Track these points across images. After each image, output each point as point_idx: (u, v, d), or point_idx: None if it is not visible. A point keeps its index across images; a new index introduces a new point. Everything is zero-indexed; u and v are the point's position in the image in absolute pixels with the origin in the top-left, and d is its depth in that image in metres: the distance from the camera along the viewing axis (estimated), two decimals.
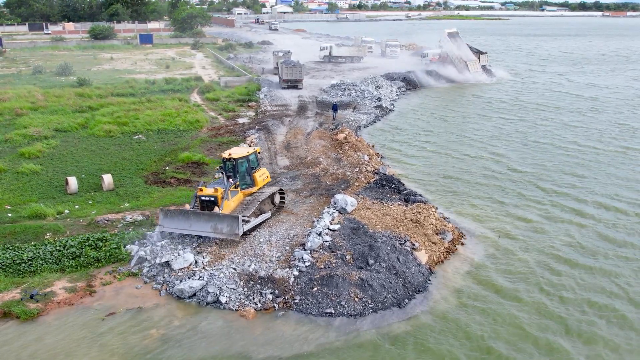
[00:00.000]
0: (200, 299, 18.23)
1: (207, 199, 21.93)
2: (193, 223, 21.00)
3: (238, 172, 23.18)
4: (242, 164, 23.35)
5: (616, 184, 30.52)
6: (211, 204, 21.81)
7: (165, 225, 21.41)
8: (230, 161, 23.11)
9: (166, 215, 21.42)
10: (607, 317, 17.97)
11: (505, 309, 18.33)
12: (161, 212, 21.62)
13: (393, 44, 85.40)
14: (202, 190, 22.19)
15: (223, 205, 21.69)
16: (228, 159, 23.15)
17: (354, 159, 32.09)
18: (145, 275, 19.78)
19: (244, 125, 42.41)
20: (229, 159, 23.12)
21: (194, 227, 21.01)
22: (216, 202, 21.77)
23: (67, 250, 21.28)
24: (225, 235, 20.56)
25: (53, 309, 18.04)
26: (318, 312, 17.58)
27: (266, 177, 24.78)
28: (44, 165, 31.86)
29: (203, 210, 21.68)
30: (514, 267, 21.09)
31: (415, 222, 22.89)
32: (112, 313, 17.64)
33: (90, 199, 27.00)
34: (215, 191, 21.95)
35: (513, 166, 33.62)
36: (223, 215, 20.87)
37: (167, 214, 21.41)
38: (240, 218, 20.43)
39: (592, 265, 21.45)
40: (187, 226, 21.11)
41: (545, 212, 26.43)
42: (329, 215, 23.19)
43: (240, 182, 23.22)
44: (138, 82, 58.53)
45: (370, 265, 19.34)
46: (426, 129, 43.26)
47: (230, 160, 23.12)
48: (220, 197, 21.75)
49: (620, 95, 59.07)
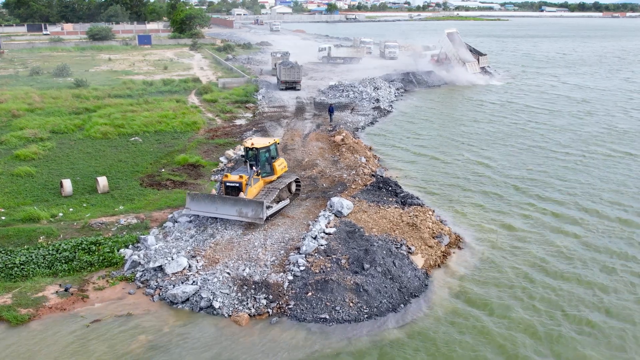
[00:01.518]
0: (194, 304, 18.01)
1: (232, 185, 23.24)
2: (219, 207, 22.37)
3: (259, 161, 24.40)
4: (263, 153, 24.58)
5: (621, 191, 30.33)
6: (236, 190, 23.12)
7: (192, 208, 22.76)
8: (253, 150, 24.30)
9: (193, 199, 22.78)
10: (608, 334, 17.72)
11: (500, 314, 18.10)
12: (188, 195, 22.94)
13: (392, 45, 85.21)
14: (228, 177, 23.60)
15: (247, 192, 22.95)
16: (251, 148, 24.34)
17: (351, 161, 31.89)
18: (138, 279, 19.58)
19: (241, 127, 42.22)
20: (252, 148, 24.31)
21: (219, 210, 22.39)
22: (240, 188, 23.06)
23: (60, 254, 21.05)
24: (250, 219, 21.90)
25: (45, 314, 17.84)
26: (312, 318, 17.36)
27: (284, 166, 26.15)
28: (39, 168, 31.65)
29: (228, 196, 22.92)
30: (511, 272, 20.86)
31: (411, 226, 22.69)
32: (97, 320, 17.37)
33: (84, 202, 26.77)
34: (240, 178, 23.25)
35: (512, 170, 33.40)
36: (248, 201, 22.22)
37: (194, 198, 22.79)
38: (264, 203, 21.78)
39: (586, 274, 21.25)
40: (213, 209, 22.49)
41: (546, 217, 26.20)
42: (325, 218, 22.99)
43: (261, 170, 24.44)
44: (136, 84, 58.35)
45: (365, 270, 19.13)
46: (424, 130, 43.06)
47: (252, 150, 24.31)
48: (245, 183, 23.05)
49: (612, 97, 58.95)
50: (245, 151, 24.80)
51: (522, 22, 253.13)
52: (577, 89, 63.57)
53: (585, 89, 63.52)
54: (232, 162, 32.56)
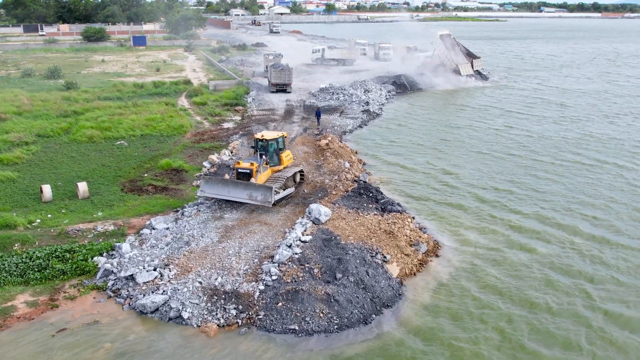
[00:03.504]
0: (163, 314, 17.85)
1: (243, 171, 25.73)
2: (231, 190, 24.77)
3: (267, 152, 26.88)
4: (272, 144, 27.11)
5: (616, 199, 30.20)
6: (246, 176, 25.54)
7: (206, 191, 25.22)
8: (263, 141, 26.87)
9: (207, 182, 25.40)
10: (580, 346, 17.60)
11: (475, 325, 17.95)
12: (202, 179, 25.97)
13: (386, 47, 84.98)
14: (240, 164, 26.07)
15: (257, 178, 25.18)
16: (261, 139, 26.94)
17: (334, 166, 31.72)
18: (109, 288, 19.42)
19: (229, 131, 42.06)
20: (262, 139, 26.93)
21: (232, 193, 24.76)
22: (251, 174, 25.44)
23: (33, 262, 20.88)
24: (259, 202, 24.19)
25: (13, 323, 17.69)
26: (282, 329, 17.19)
27: (290, 157, 28.71)
28: (22, 172, 31.49)
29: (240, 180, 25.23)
30: (488, 281, 20.70)
31: (388, 233, 22.52)
32: (62, 329, 17.23)
33: (63, 208, 26.62)
34: (251, 165, 25.68)
35: (498, 178, 33.26)
36: (258, 185, 24.64)
37: (208, 181, 25.42)
38: (273, 188, 24.14)
39: (566, 282, 21.11)
40: (225, 193, 24.89)
41: (526, 225, 26.05)
42: (302, 226, 22.83)
43: (269, 160, 26.84)
44: (126, 86, 58.16)
45: (337, 280, 18.97)
46: (412, 134, 42.89)
47: (262, 141, 26.88)
48: (255, 170, 25.43)
49: (597, 102, 58.80)
50: (255, 142, 27.35)
51: (520, 23, 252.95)
52: (566, 93, 63.40)
53: (571, 93, 63.36)
54: (216, 167, 32.38)
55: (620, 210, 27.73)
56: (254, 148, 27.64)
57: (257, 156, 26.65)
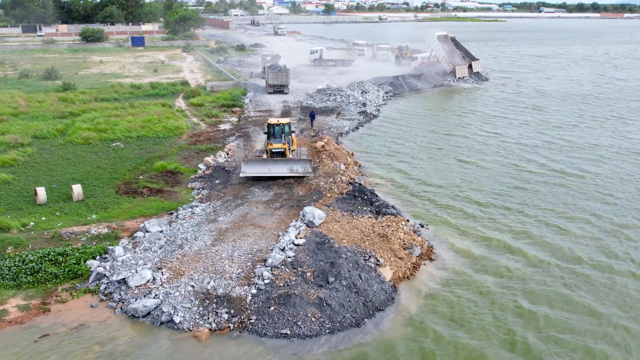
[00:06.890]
0: (154, 319, 17.80)
1: (277, 151, 30.20)
2: (272, 167, 28.87)
3: (284, 133, 30.98)
4: (287, 127, 31.24)
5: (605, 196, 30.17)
6: (281, 154, 30.14)
7: (247, 171, 28.87)
8: (280, 125, 31.10)
9: (247, 163, 29.07)
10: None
11: (467, 331, 17.92)
12: (243, 161, 29.36)
13: (384, 47, 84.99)
14: (272, 145, 30.38)
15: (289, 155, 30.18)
16: (277, 124, 31.12)
17: (330, 168, 31.67)
18: (102, 292, 19.38)
19: (225, 132, 42.03)
20: (278, 124, 31.12)
21: (272, 170, 28.89)
22: (284, 153, 30.16)
23: (25, 265, 20.83)
24: (301, 173, 28.95)
25: (3, 327, 17.64)
26: (273, 333, 17.15)
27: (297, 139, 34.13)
28: (17, 175, 31.45)
29: None
30: (481, 285, 20.66)
31: (382, 237, 22.47)
32: (46, 335, 17.15)
33: (58, 210, 26.58)
34: (283, 144, 30.35)
35: (493, 181, 33.24)
36: (298, 159, 29.64)
37: (248, 162, 29.12)
38: (312, 160, 29.53)
39: (561, 289, 21.09)
40: (266, 170, 28.91)
41: (522, 230, 26.00)
42: (296, 229, 22.79)
43: (285, 140, 30.77)
44: (123, 87, 58.15)
45: (330, 283, 18.92)
46: (408, 136, 42.86)
47: (279, 125, 31.10)
48: (287, 148, 30.23)
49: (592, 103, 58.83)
50: (268, 127, 31.22)
51: (519, 23, 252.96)
52: (565, 95, 63.48)
53: (567, 93, 63.44)
54: (211, 169, 32.33)
55: (615, 214, 27.71)
56: (267, 134, 31.20)
57: (281, 139, 30.67)
